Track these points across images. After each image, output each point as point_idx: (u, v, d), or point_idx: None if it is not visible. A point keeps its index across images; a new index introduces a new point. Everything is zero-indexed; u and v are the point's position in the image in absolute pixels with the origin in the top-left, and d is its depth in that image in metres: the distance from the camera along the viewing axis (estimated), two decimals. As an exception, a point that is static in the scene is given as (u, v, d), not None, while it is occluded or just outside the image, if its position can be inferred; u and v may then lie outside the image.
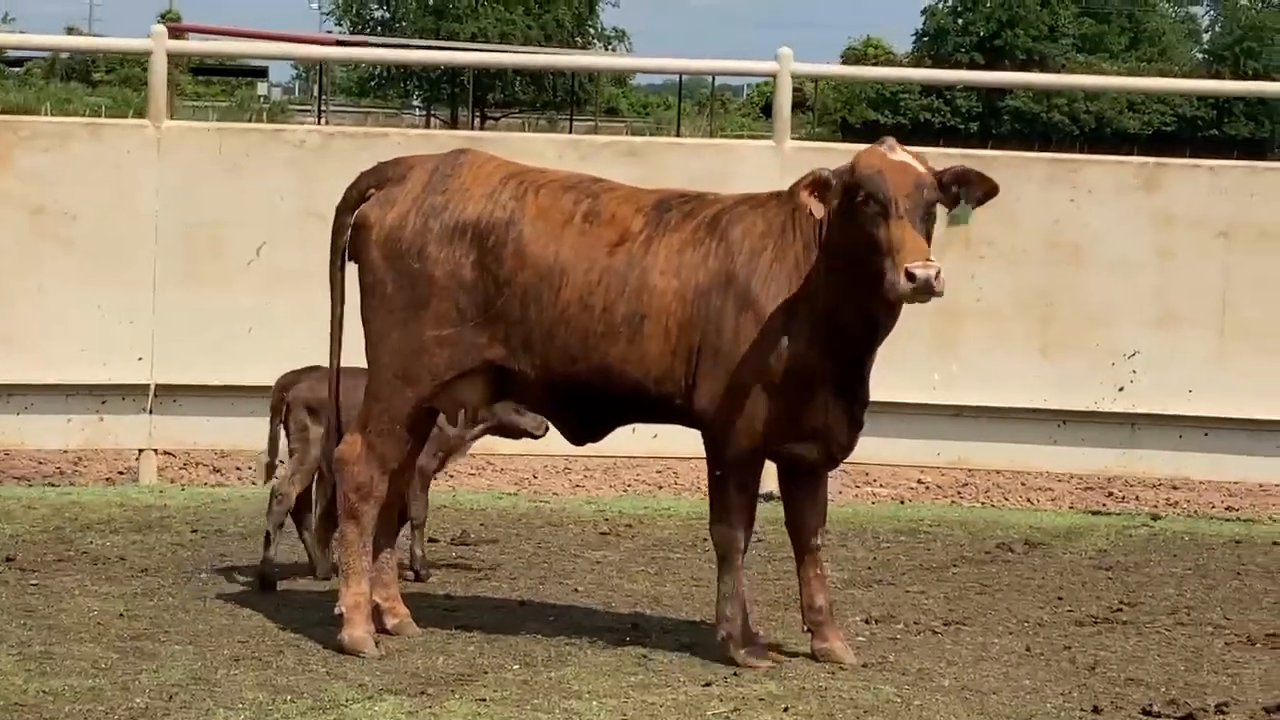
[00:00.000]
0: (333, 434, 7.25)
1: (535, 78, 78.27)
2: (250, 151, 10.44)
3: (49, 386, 10.24)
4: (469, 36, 77.31)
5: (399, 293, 6.81)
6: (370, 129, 14.06)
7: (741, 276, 6.67)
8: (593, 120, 72.45)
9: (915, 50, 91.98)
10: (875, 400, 7.00)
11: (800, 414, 6.71)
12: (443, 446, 7.98)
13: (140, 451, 10.44)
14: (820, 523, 6.97)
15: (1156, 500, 11.09)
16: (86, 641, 6.78)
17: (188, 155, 10.36)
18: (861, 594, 8.15)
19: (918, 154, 6.62)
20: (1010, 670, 6.89)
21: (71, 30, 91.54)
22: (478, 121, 72.08)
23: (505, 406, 7.50)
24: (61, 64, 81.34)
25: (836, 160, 9.60)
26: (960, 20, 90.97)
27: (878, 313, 6.62)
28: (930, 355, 10.27)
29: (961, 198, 6.59)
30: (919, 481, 11.34)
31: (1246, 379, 10.49)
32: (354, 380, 7.12)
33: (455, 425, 7.49)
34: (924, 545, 9.39)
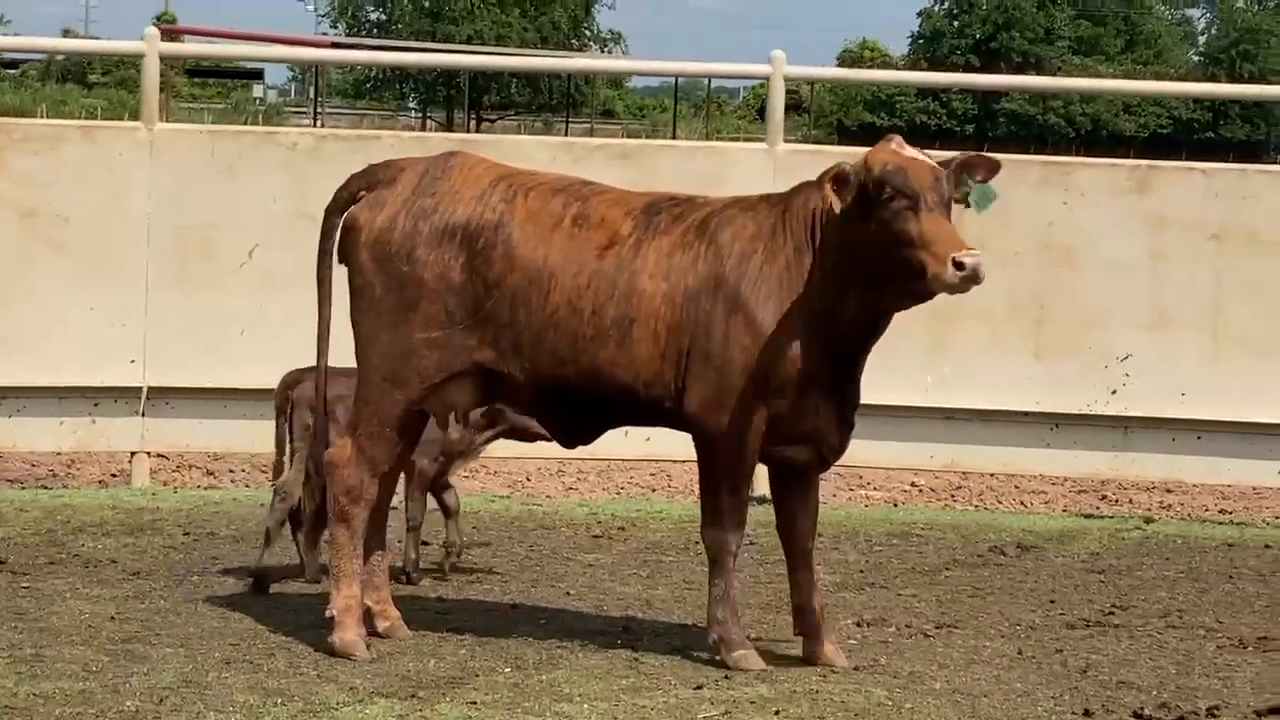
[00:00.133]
0: (321, 435, 7.25)
1: (531, 80, 78.21)
2: (243, 154, 10.44)
3: (41, 389, 10.24)
4: (465, 39, 77.23)
5: (388, 295, 6.80)
6: (363, 131, 14.07)
7: (731, 279, 6.67)
8: (589, 122, 72.41)
9: (911, 53, 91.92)
10: (868, 403, 7.02)
11: (792, 416, 6.71)
12: (445, 450, 7.98)
13: (132, 454, 10.44)
14: (812, 526, 6.97)
15: (1150, 503, 11.09)
16: (77, 644, 6.77)
17: (180, 158, 10.36)
18: (853, 597, 8.15)
19: (920, 150, 6.66)
20: (1002, 673, 6.88)
21: (67, 32, 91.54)
22: (473, 124, 72.04)
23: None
24: (57, 66, 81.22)
25: (829, 164, 9.64)
26: (956, 23, 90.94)
27: (882, 311, 6.65)
28: (923, 358, 10.27)
29: (968, 184, 6.62)
30: (912, 484, 11.34)
31: (1239, 382, 10.50)
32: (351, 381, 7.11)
33: (445, 428, 7.49)
34: (916, 548, 9.39)
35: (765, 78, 10.81)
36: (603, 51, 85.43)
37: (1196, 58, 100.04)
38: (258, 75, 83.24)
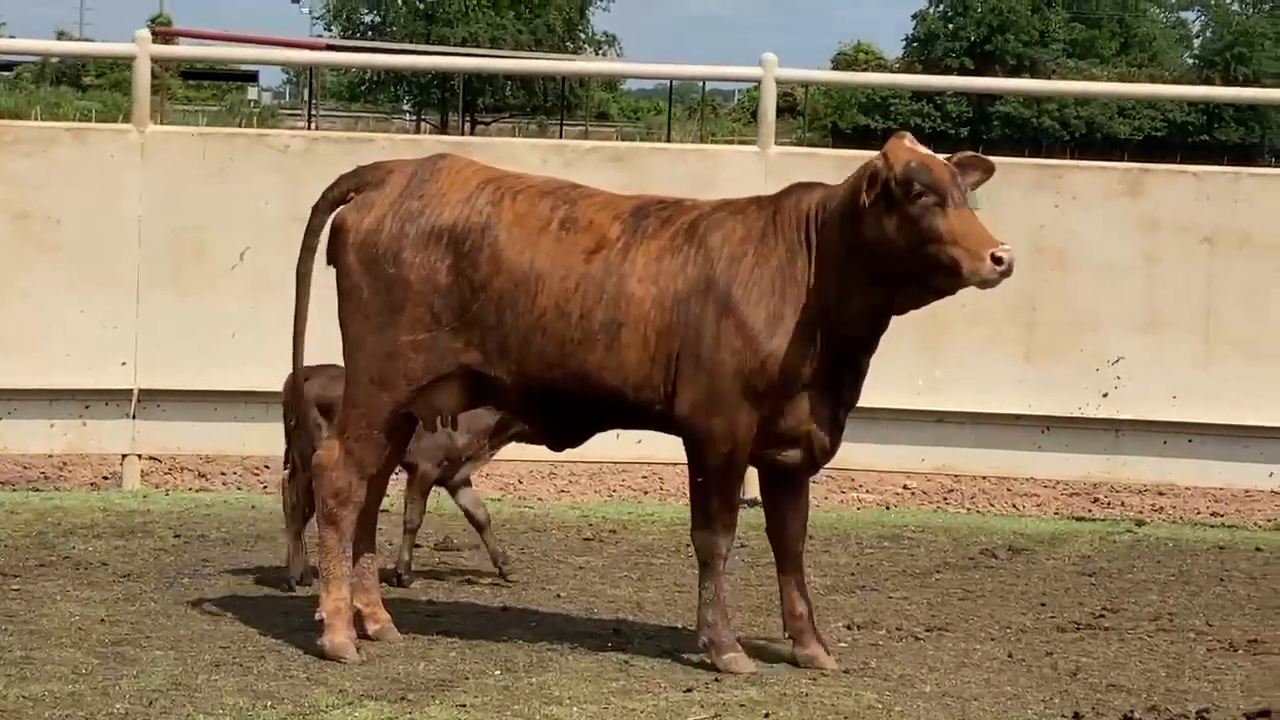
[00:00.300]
0: (306, 432, 7.24)
1: (525, 82, 78.22)
2: (235, 156, 10.43)
3: (32, 391, 10.23)
4: (459, 41, 77.20)
5: (374, 297, 6.79)
6: (355, 134, 14.02)
7: (721, 283, 6.66)
8: (583, 125, 72.39)
9: (905, 55, 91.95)
10: (860, 405, 7.00)
11: (784, 419, 6.71)
12: (449, 454, 7.97)
13: (124, 456, 10.43)
14: (802, 529, 6.96)
15: (1142, 506, 11.09)
16: (67, 646, 6.76)
17: (172, 160, 10.36)
18: (844, 599, 8.15)
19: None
20: (992, 676, 6.88)
21: (62, 34, 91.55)
22: (468, 126, 72.02)
23: None
24: (52, 68, 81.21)
25: (822, 166, 9.69)
26: (950, 25, 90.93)
27: (893, 310, 6.68)
28: (914, 361, 10.25)
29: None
30: (904, 487, 11.33)
31: (1231, 385, 10.49)
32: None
33: (431, 429, 7.48)
34: (907, 551, 9.39)
35: (757, 80, 10.80)
36: (597, 54, 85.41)
37: (1191, 61, 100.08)
38: (252, 78, 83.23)
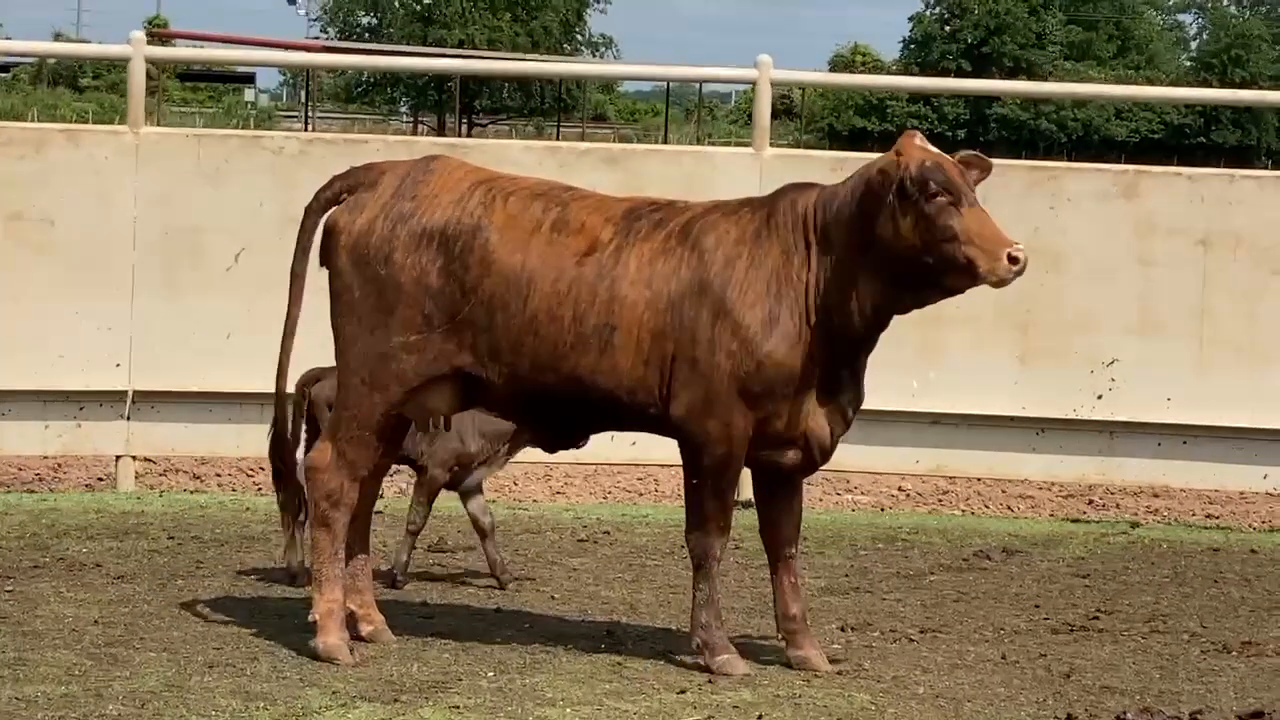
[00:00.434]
0: (286, 430, 7.23)
1: (522, 84, 78.18)
2: (229, 158, 10.43)
3: (27, 392, 10.22)
4: (456, 43, 77.20)
5: (366, 299, 6.78)
6: (350, 135, 14.01)
7: (716, 285, 6.65)
8: (580, 127, 72.35)
9: (902, 57, 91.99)
10: (853, 407, 6.99)
11: (781, 420, 6.71)
12: (460, 459, 7.96)
13: (118, 458, 10.42)
14: (795, 531, 6.96)
15: (1137, 508, 11.08)
16: (60, 648, 6.76)
17: (166, 161, 10.35)
18: (838, 601, 8.15)
19: None
20: (985, 678, 6.89)
21: (58, 36, 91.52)
22: (465, 128, 71.98)
23: None
24: (49, 70, 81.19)
25: (816, 168, 9.68)
26: (947, 27, 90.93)
27: (898, 309, 6.70)
28: (909, 363, 10.24)
29: None
30: (899, 489, 11.31)
31: (1225, 387, 10.49)
32: None
33: (424, 430, 7.48)
34: (902, 553, 9.39)
35: (752, 82, 10.79)
36: (594, 56, 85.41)
37: (1188, 63, 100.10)
38: (249, 80, 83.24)
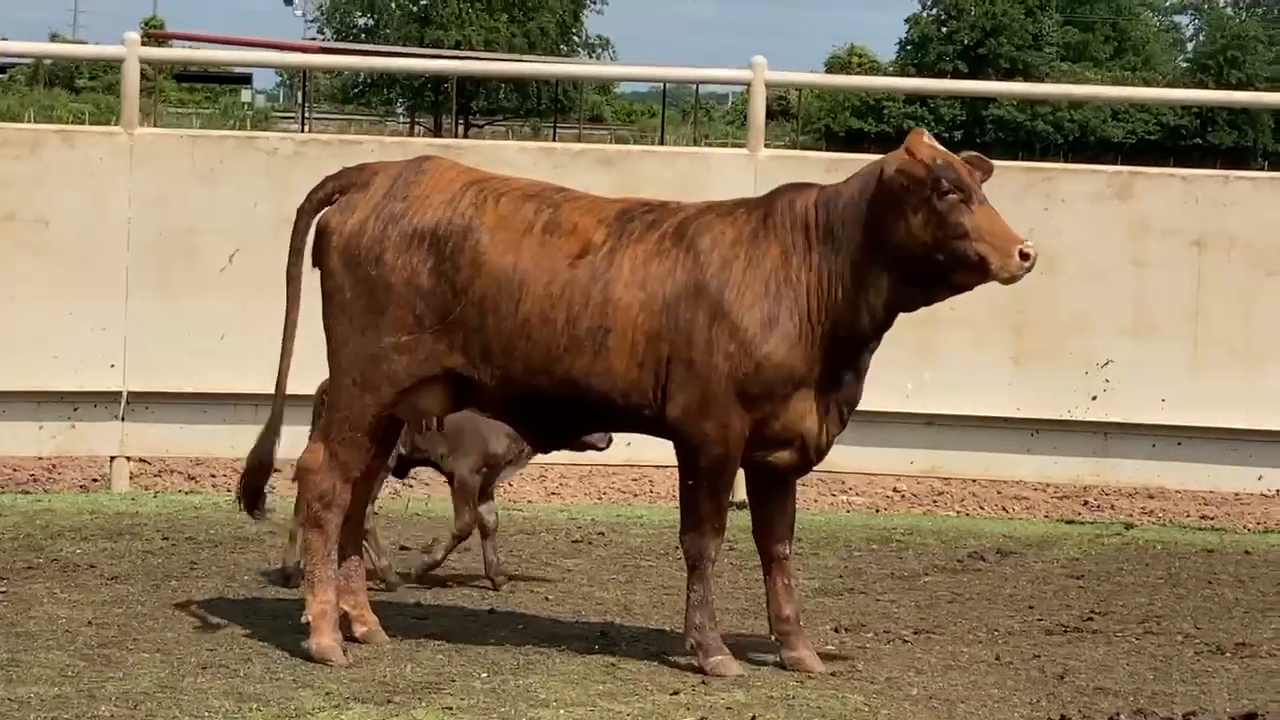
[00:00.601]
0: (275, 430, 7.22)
1: (519, 85, 78.16)
2: (224, 159, 10.42)
3: (21, 393, 10.21)
4: (453, 44, 77.19)
5: (357, 299, 6.77)
6: (345, 136, 14.01)
7: (713, 287, 6.64)
8: (577, 128, 72.32)
9: (899, 58, 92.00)
10: (849, 408, 6.99)
11: (778, 421, 6.71)
12: (488, 460, 7.96)
13: (112, 459, 10.41)
14: (789, 532, 6.96)
15: (1132, 509, 11.08)
16: (54, 649, 6.76)
17: (161, 162, 10.35)
18: (832, 602, 8.15)
19: None
20: (979, 679, 6.89)
21: (54, 36, 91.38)
22: (461, 129, 71.95)
23: None
24: (45, 70, 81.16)
25: (811, 169, 9.68)
26: (944, 29, 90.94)
27: (906, 306, 6.72)
28: (904, 364, 10.21)
29: None
30: (894, 490, 11.31)
31: (1220, 388, 10.49)
32: None
33: (418, 430, 7.47)
34: (896, 554, 9.39)
35: (747, 84, 10.79)
36: (590, 57, 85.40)
37: (1185, 64, 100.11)
38: (246, 80, 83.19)
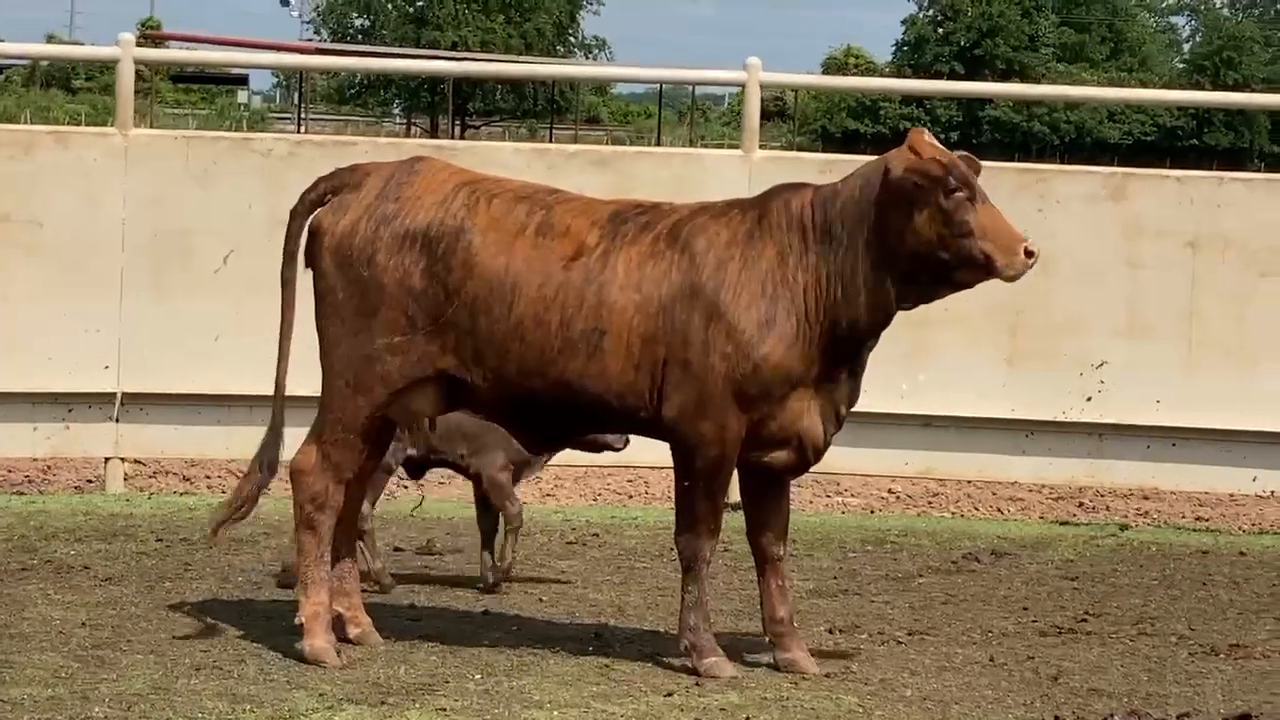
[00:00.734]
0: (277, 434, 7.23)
1: (515, 86, 78.14)
2: (218, 160, 10.41)
3: (15, 394, 10.20)
4: (449, 45, 77.19)
5: (349, 300, 6.76)
6: (339, 137, 14.03)
7: (709, 288, 6.63)
8: (573, 129, 72.30)
9: (895, 60, 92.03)
10: (844, 409, 6.99)
11: (775, 421, 6.70)
12: (512, 458, 7.98)
13: (107, 460, 10.40)
14: (783, 532, 6.96)
15: (1127, 510, 11.08)
16: (47, 650, 6.75)
17: (155, 163, 10.34)
18: (826, 604, 8.15)
19: None
20: (973, 680, 6.89)
21: (51, 38, 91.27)
22: (458, 130, 71.93)
23: None
24: (42, 71, 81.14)
25: (805, 170, 9.67)
26: (940, 30, 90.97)
27: (904, 305, 6.71)
28: (898, 365, 10.21)
29: None
30: (889, 491, 11.31)
31: (1214, 389, 10.48)
32: None
33: (410, 433, 7.48)
34: (891, 555, 9.39)
35: (741, 84, 10.77)
36: (587, 58, 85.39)
37: (1181, 65, 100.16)
38: (242, 81, 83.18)
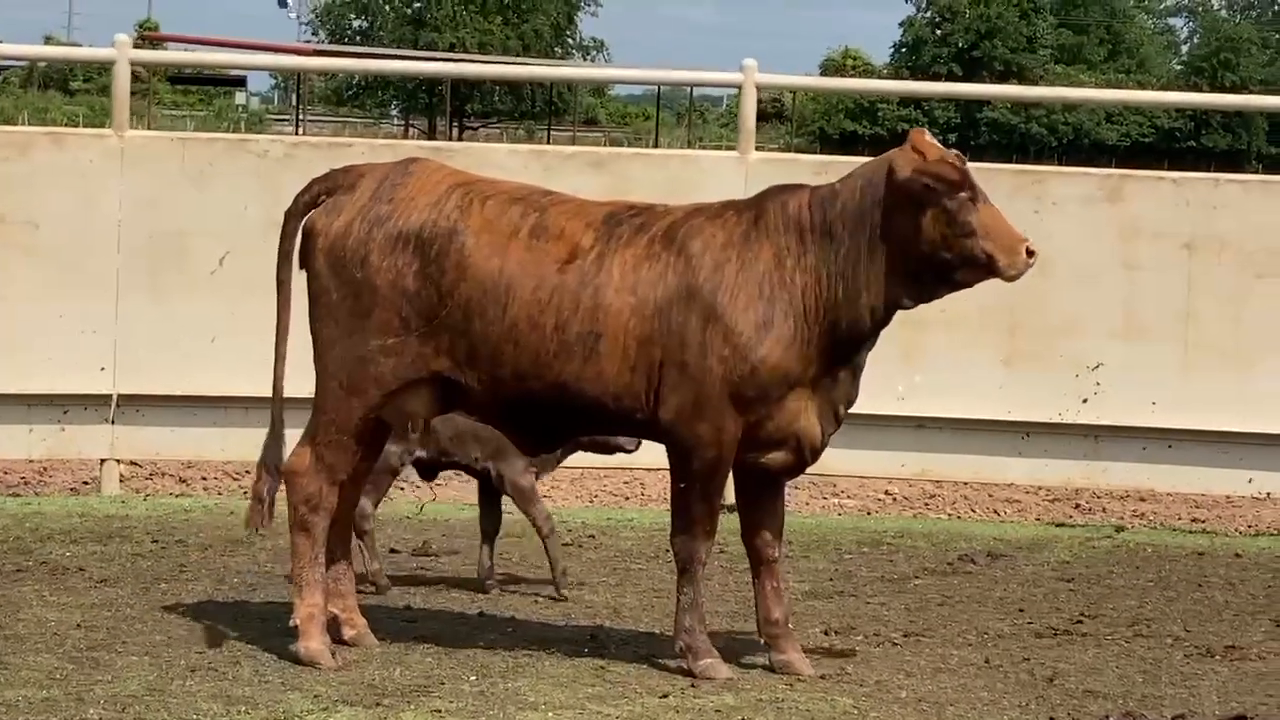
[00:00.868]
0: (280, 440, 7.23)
1: (513, 88, 78.09)
2: (214, 161, 10.41)
3: (10, 396, 10.20)
4: (447, 46, 77.15)
5: (343, 302, 6.76)
6: (335, 139, 14.04)
7: (706, 290, 6.62)
8: (571, 131, 72.27)
9: (893, 61, 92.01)
10: (839, 411, 6.99)
11: (773, 422, 6.70)
12: (537, 462, 7.97)
13: (103, 461, 10.40)
14: (777, 534, 6.96)
15: (1123, 512, 11.09)
16: (42, 652, 6.75)
17: (151, 165, 10.34)
18: (822, 605, 8.15)
19: None
20: (968, 682, 6.89)
21: (49, 39, 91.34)
22: (456, 131, 71.89)
23: None
24: (39, 73, 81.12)
25: (801, 171, 9.67)
26: (938, 31, 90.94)
27: (904, 304, 6.72)
28: (894, 367, 10.20)
29: None
30: (886, 493, 11.31)
31: (1210, 391, 10.48)
32: None
33: (405, 434, 7.47)
34: (886, 557, 9.39)
35: (737, 86, 10.77)
36: (585, 59, 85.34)
37: (1179, 67, 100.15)
38: (241, 83, 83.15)
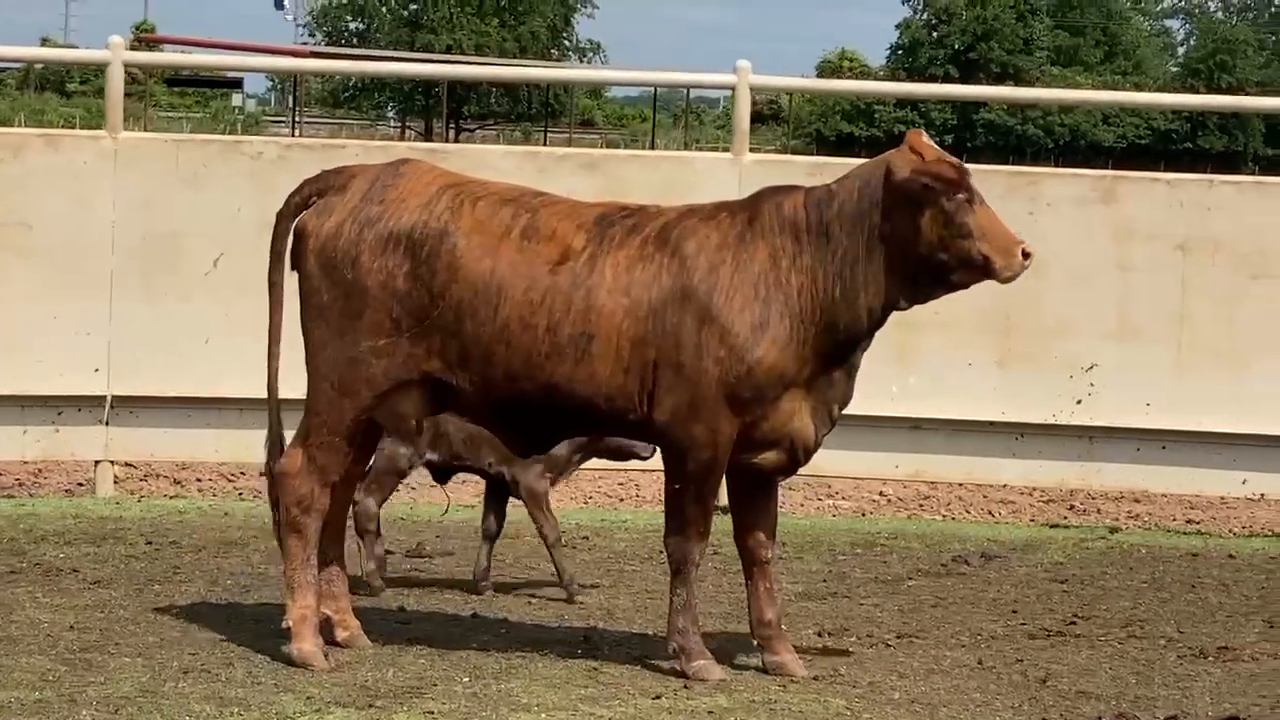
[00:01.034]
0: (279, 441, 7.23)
1: (510, 89, 78.06)
2: (208, 163, 10.41)
3: (4, 397, 10.18)
4: (444, 48, 77.16)
5: (334, 303, 6.76)
6: (328, 140, 14.05)
7: (700, 291, 6.62)
8: (568, 132, 72.24)
9: (890, 63, 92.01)
10: (835, 412, 6.99)
11: (768, 423, 6.70)
12: (552, 467, 7.99)
13: (97, 463, 10.39)
14: (770, 535, 6.96)
15: (1118, 513, 11.09)
16: (35, 653, 6.75)
17: (145, 166, 10.33)
18: (815, 606, 8.15)
19: None
20: (961, 683, 6.89)
21: (46, 40, 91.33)
22: (453, 133, 71.87)
23: None
24: (36, 74, 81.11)
25: (795, 173, 9.67)
26: (935, 33, 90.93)
27: (901, 305, 6.72)
28: (889, 368, 10.20)
29: None
30: (880, 494, 11.30)
31: (1204, 392, 10.47)
32: None
33: (400, 435, 7.47)
34: (880, 558, 9.39)
35: (731, 87, 10.77)
36: (581, 61, 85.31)
37: (1175, 69, 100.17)
38: (237, 84, 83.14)
